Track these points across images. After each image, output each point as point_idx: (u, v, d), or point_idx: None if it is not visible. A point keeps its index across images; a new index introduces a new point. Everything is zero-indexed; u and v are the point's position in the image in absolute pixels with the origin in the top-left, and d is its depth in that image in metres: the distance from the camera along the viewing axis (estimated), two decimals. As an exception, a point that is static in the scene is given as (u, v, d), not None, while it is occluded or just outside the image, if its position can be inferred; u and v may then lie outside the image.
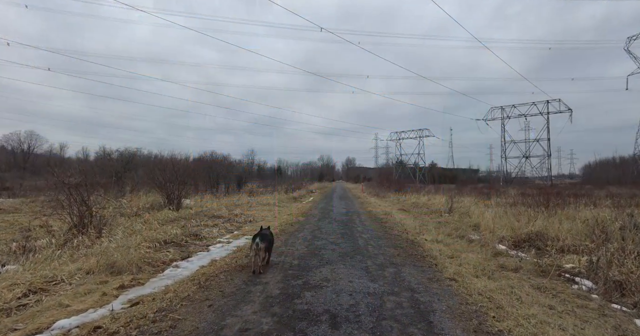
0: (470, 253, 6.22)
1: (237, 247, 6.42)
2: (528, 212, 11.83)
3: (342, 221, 9.94)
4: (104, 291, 3.70)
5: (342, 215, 11.61)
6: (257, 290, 3.67)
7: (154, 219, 10.01)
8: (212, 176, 26.47)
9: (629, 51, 50.35)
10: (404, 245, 6.62)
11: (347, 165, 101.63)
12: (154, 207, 14.73)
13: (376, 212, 12.77)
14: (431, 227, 9.70)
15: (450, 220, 12.23)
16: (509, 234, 8.74)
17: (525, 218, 10.65)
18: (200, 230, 7.94)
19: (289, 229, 8.28)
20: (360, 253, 5.64)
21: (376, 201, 18.82)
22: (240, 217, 10.88)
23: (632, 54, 50.14)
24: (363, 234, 7.69)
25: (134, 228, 7.48)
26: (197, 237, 7.35)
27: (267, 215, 11.89)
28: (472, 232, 9.88)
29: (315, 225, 9.02)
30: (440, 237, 7.76)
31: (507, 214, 12.28)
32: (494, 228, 10.00)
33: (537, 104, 41.60)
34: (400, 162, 58.51)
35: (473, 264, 5.28)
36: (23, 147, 53.52)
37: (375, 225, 9.26)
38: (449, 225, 10.58)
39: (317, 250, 5.90)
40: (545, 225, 9.11)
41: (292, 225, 9.15)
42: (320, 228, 8.54)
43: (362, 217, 11.16)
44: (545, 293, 4.06)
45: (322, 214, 11.83)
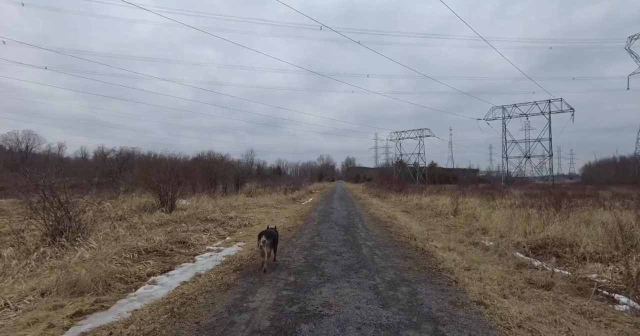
0: (489, 264, 5.48)
1: (227, 256, 5.67)
2: (539, 214, 11.13)
3: (343, 225, 9.19)
4: (52, 322, 2.94)
5: (344, 218, 10.86)
6: (242, 321, 2.92)
7: (143, 223, 9.28)
8: (210, 176, 25.77)
9: (630, 51, 49.68)
10: (413, 254, 5.87)
11: (347, 165, 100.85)
12: (147, 209, 14.01)
13: (379, 214, 12.03)
14: (439, 231, 8.96)
15: (457, 223, 11.53)
16: (523, 239, 8.04)
17: (537, 221, 9.94)
18: (188, 236, 7.19)
19: (286, 235, 7.53)
20: (366, 266, 4.89)
21: (378, 202, 18.08)
22: (235, 220, 10.14)
23: (634, 54, 49.52)
24: (367, 241, 6.94)
25: (115, 235, 6.73)
26: (184, 244, 6.60)
27: (263, 218, 11.14)
28: (482, 236, 9.18)
29: (315, 230, 8.28)
30: (451, 244, 7.01)
31: (516, 216, 11.57)
32: (504, 232, 9.30)
33: (538, 104, 40.93)
34: (400, 162, 57.79)
35: (497, 279, 4.53)
36: (21, 146, 52.79)
37: (379, 230, 8.51)
38: (458, 229, 9.86)
39: (316, 261, 5.15)
40: (562, 229, 8.35)
41: (290, 230, 8.39)
42: (320, 233, 7.80)
43: (364, 220, 10.42)
44: (592, 319, 3.31)
45: (322, 217, 11.08)
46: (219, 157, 26.91)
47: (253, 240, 7.13)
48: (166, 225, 9.19)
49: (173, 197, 14.42)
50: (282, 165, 74.78)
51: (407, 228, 9.18)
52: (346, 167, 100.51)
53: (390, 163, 62.32)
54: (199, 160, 27.01)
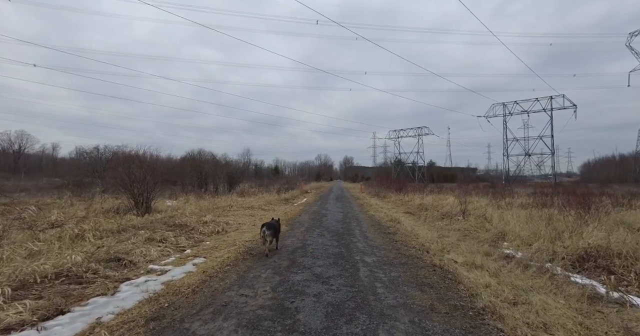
0: (541, 293, 3.69)
1: (167, 283, 3.85)
2: (562, 216, 9.38)
3: (337, 232, 7.38)
4: None
5: (338, 222, 9.04)
6: None
7: (96, 229, 7.49)
8: (200, 176, 23.99)
9: (631, 47, 48.07)
10: (431, 278, 4.07)
11: (345, 164, 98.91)
12: (120, 211, 12.22)
13: (379, 217, 10.22)
14: (453, 238, 7.17)
15: (469, 226, 9.74)
16: (554, 247, 6.27)
17: (561, 223, 8.16)
18: (132, 250, 5.36)
19: (261, 248, 5.72)
20: (364, 306, 3.08)
21: (377, 203, 16.26)
22: (208, 226, 8.31)
23: (634, 50, 47.92)
24: (366, 256, 5.13)
25: (26, 250, 4.90)
26: (119, 263, 4.77)
27: (244, 223, 9.34)
28: (502, 242, 7.43)
29: (300, 240, 6.46)
30: (476, 258, 5.21)
31: (534, 218, 9.81)
32: (526, 237, 7.55)
33: (540, 100, 39.18)
34: (399, 161, 55.98)
35: (574, 329, 2.75)
36: (14, 147, 50.79)
37: (380, 239, 6.71)
38: (472, 234, 8.10)
39: (289, 298, 3.32)
40: (606, 236, 6.55)
41: (269, 239, 6.57)
42: (306, 245, 5.98)
43: (362, 224, 8.61)
44: None
45: (312, 221, 9.26)
46: (209, 155, 25.11)
47: (219, 254, 5.33)
48: (124, 232, 7.38)
49: (148, 198, 12.63)
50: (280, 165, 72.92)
51: (415, 234, 7.40)
52: (344, 166, 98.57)
53: (389, 163, 60.50)
54: (189, 159, 25.20)
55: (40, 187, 26.89)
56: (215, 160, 24.90)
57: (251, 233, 7.43)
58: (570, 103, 37.49)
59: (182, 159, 26.46)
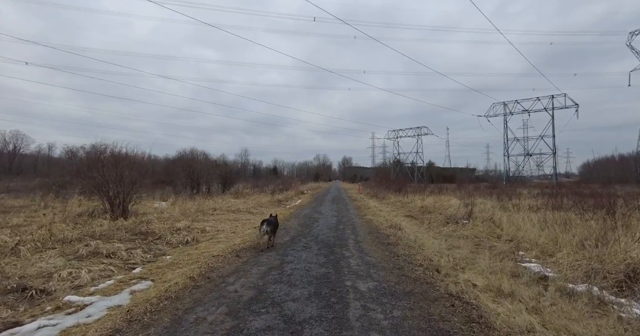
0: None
1: (66, 333, 2.57)
2: (580, 220, 8.14)
3: (327, 243, 6.08)
4: None
5: (331, 229, 7.75)
6: None
7: (44, 239, 6.27)
8: (192, 176, 22.70)
9: (631, 46, 46.91)
10: (451, 321, 2.79)
11: (344, 164, 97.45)
12: (95, 215, 10.98)
13: (378, 222, 8.94)
14: (465, 250, 5.91)
15: (478, 233, 8.49)
16: (579, 259, 5.05)
17: (583, 231, 6.88)
18: (56, 272, 4.07)
19: (225, 268, 4.42)
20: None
21: (376, 204, 14.97)
22: (179, 234, 7.03)
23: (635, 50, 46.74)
24: (360, 280, 3.84)
25: None
26: (21, 294, 3.49)
27: (224, 229, 8.06)
28: (519, 252, 6.22)
29: (280, 255, 5.17)
30: (503, 282, 3.94)
31: (548, 223, 8.55)
32: (545, 245, 6.31)
33: (541, 99, 37.92)
34: (398, 161, 54.68)
35: None
36: (8, 147, 49.44)
37: (379, 252, 5.42)
38: (483, 243, 6.84)
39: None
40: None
41: (239, 254, 5.26)
42: (285, 262, 4.68)
43: (358, 232, 7.32)
44: None
45: (301, 228, 7.97)
46: (202, 155, 23.82)
47: (171, 277, 4.06)
48: (78, 242, 6.12)
49: (124, 201, 11.37)
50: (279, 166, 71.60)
51: (420, 245, 6.12)
52: (343, 166, 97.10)
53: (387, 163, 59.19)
54: (180, 159, 23.92)
55: (32, 187, 25.59)
56: (208, 159, 23.63)
57: (225, 243, 6.15)
58: (572, 102, 36.27)
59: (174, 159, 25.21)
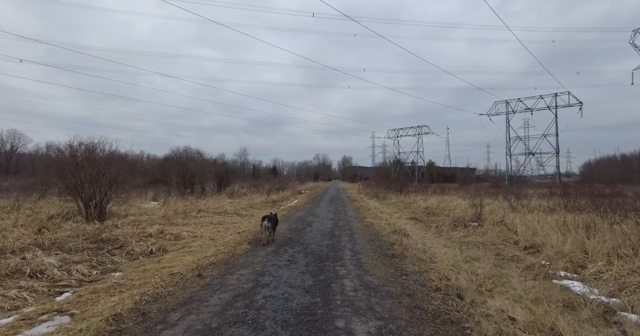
0: None
1: None
2: (606, 224, 7.02)
3: (318, 254, 4.92)
4: None
5: (324, 235, 6.59)
6: None
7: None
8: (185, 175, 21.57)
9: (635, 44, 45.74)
10: None
11: (344, 164, 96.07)
12: (69, 217, 9.89)
13: (379, 226, 7.78)
14: (487, 263, 4.74)
15: (493, 239, 7.38)
16: (630, 277, 3.93)
17: (615, 237, 5.74)
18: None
19: (177, 295, 3.28)
20: None
21: (376, 205, 13.80)
22: (148, 240, 5.90)
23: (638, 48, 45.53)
24: (356, 318, 2.67)
25: None
26: None
27: (203, 235, 6.92)
28: (542, 261, 5.12)
29: (255, 273, 4.01)
30: (549, 315, 2.76)
31: (570, 228, 7.42)
32: (572, 253, 5.22)
33: (544, 97, 36.71)
34: (398, 161, 53.47)
35: None
36: (6, 146, 48.35)
37: (382, 269, 4.24)
38: (503, 251, 5.70)
39: None
40: None
41: (206, 272, 4.10)
42: (259, 286, 3.52)
43: (357, 239, 6.15)
44: None
45: (290, 234, 6.82)
46: (196, 153, 22.66)
47: (103, 308, 2.92)
48: (20, 253, 5.01)
49: (102, 202, 10.27)
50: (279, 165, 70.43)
51: (430, 256, 4.97)
52: (342, 166, 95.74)
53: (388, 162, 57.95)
54: (173, 158, 22.78)
55: (27, 187, 24.52)
56: (202, 158, 22.51)
57: (195, 255, 5.00)
58: (575, 100, 35.07)
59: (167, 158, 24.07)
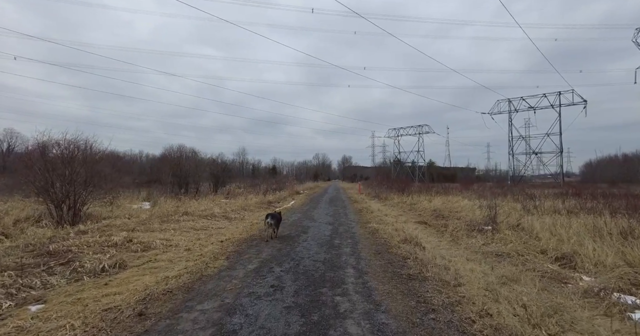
0: None
1: None
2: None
3: (312, 277, 3.74)
4: None
5: (322, 247, 5.42)
6: None
7: None
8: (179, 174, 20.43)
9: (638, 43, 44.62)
10: None
11: (343, 163, 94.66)
12: (40, 221, 8.82)
13: (386, 232, 6.62)
14: (530, 286, 3.58)
15: (518, 248, 6.24)
16: None
17: None
18: None
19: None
20: None
21: (379, 207, 12.64)
22: (107, 253, 4.76)
23: (641, 46, 44.44)
24: None
25: None
26: None
27: (178, 243, 5.77)
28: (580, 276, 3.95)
29: (222, 311, 2.86)
30: None
31: (604, 233, 6.32)
32: (613, 267, 4.09)
33: (547, 96, 35.57)
34: (399, 160, 52.27)
35: None
36: (2, 146, 47.17)
37: (400, 299, 3.09)
38: (534, 263, 4.56)
39: None
40: None
41: (153, 307, 2.95)
42: (222, 334, 2.39)
43: (361, 252, 4.99)
44: None
45: (283, 243, 5.65)
46: (190, 152, 21.49)
47: None
48: None
49: (75, 203, 9.19)
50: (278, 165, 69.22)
51: (456, 276, 3.83)
52: (342, 165, 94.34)
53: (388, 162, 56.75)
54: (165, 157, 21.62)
55: (12, 187, 23.41)
56: (197, 157, 21.36)
57: (157, 274, 3.85)
58: (580, 98, 33.92)
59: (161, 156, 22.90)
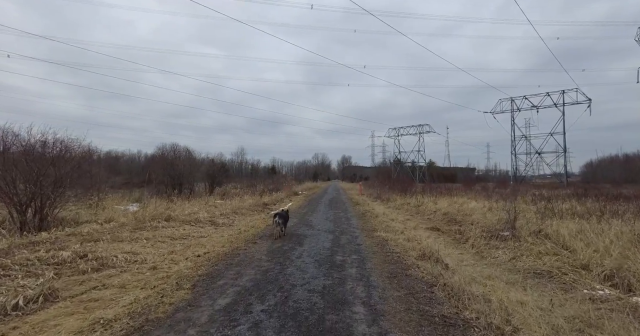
0: None
1: None
2: None
3: (307, 325, 2.59)
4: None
5: (321, 268, 4.22)
6: None
7: None
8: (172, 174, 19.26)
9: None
10: None
11: (343, 163, 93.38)
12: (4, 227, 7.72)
13: (398, 244, 5.46)
14: None
15: (557, 263, 5.09)
16: None
17: None
18: None
19: None
20: None
21: (384, 210, 11.46)
22: (39, 278, 3.60)
23: (644, 45, 43.31)
24: None
25: None
26: None
27: (146, 258, 4.60)
28: None
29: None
30: None
31: None
32: None
33: (551, 95, 34.45)
34: (399, 160, 51.10)
35: None
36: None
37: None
38: (581, 282, 3.35)
39: None
40: None
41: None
42: None
43: (371, 275, 3.81)
44: None
45: (270, 261, 4.46)
46: (184, 151, 20.31)
47: None
48: None
49: (43, 207, 8.07)
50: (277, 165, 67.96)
51: (503, 314, 2.65)
52: (342, 165, 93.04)
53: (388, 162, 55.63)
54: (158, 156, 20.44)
55: None
56: (191, 156, 20.21)
57: (91, 314, 2.69)
58: (584, 97, 32.81)
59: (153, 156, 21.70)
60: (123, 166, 41.59)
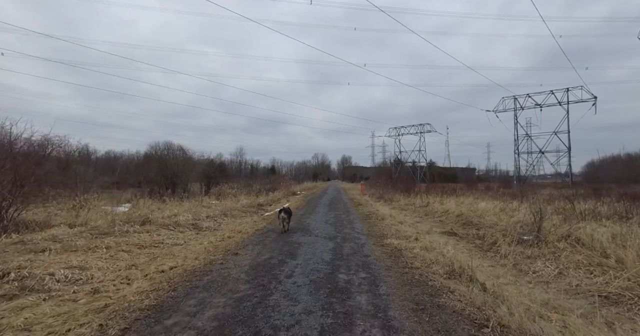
0: None
1: None
2: None
3: None
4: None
5: (320, 288, 3.08)
6: None
7: None
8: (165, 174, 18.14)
9: (643, 40, 42.42)
10: None
11: (343, 163, 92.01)
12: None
13: (415, 254, 4.31)
14: None
15: (621, 282, 3.76)
16: None
17: None
18: None
19: None
20: None
21: (390, 212, 10.29)
22: None
23: (647, 43, 42.25)
24: None
25: None
26: None
27: (95, 274, 3.44)
28: None
29: None
30: None
31: None
32: None
33: (555, 93, 33.29)
34: (399, 160, 49.91)
35: None
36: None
37: None
38: None
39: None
40: None
41: None
42: None
43: (388, 300, 2.69)
44: None
45: (251, 284, 3.31)
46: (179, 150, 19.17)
47: None
48: None
49: (8, 207, 6.92)
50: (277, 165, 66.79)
51: None
52: (342, 165, 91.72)
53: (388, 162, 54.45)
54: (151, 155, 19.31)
55: None
56: (186, 156, 19.08)
57: None
58: (589, 94, 31.67)
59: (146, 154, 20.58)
60: (122, 166, 40.50)
